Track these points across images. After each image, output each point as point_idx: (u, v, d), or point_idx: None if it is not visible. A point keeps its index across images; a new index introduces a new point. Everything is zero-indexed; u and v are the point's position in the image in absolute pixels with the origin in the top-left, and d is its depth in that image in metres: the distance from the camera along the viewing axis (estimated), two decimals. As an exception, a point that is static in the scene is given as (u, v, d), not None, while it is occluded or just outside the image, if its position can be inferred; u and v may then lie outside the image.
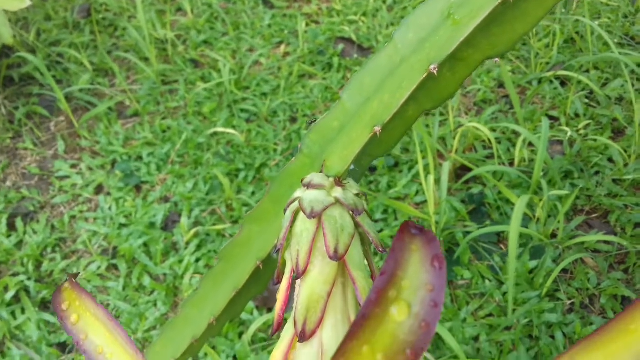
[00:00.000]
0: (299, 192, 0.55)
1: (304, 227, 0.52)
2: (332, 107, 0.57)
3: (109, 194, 2.08)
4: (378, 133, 0.52)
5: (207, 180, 2.05)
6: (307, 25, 2.78)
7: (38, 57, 2.36)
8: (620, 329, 0.28)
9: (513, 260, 1.43)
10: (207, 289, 0.77)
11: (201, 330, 0.77)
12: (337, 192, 0.54)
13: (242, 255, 0.72)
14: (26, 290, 1.80)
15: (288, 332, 0.47)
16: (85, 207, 2.05)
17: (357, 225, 0.53)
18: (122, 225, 1.95)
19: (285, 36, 2.72)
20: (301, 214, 0.53)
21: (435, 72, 0.48)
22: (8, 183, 2.18)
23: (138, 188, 2.10)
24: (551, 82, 2.31)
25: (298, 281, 0.50)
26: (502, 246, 1.77)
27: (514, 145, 2.06)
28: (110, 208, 2.02)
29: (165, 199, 2.04)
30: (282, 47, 2.68)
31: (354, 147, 0.55)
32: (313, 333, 0.46)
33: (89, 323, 0.38)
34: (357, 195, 0.55)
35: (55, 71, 2.56)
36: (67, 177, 2.17)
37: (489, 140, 2.07)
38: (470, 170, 1.92)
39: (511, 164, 1.98)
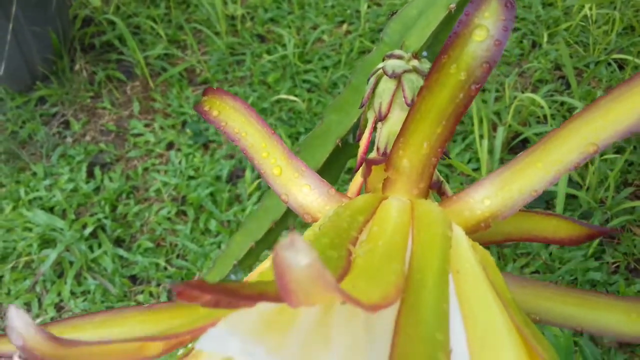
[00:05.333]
0: (381, 64, 0.65)
1: (386, 86, 0.62)
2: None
3: (179, 150, 2.23)
4: (452, 10, 0.62)
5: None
6: (368, 7, 2.89)
7: (120, 25, 2.54)
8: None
9: (562, 199, 1.50)
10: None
11: (280, 213, 0.89)
12: (415, 62, 0.64)
13: (320, 145, 0.83)
14: (102, 228, 1.96)
15: (372, 155, 0.58)
16: (157, 161, 2.21)
17: (429, 91, 0.64)
18: (190, 177, 2.10)
19: (347, 16, 2.84)
20: (383, 78, 0.63)
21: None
22: (87, 137, 2.37)
23: (206, 146, 2.24)
24: (609, 64, 2.35)
25: (379, 124, 0.61)
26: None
27: (568, 122, 2.11)
28: (180, 162, 2.17)
29: (231, 156, 2.18)
30: (344, 26, 2.80)
31: (430, 27, 0.65)
32: (393, 154, 0.56)
33: (227, 114, 0.50)
34: (430, 69, 0.65)
35: (132, 41, 2.74)
36: (141, 134, 2.34)
37: (543, 116, 2.13)
38: (523, 138, 1.99)
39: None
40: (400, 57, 0.65)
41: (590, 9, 2.60)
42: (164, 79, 2.52)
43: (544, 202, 1.85)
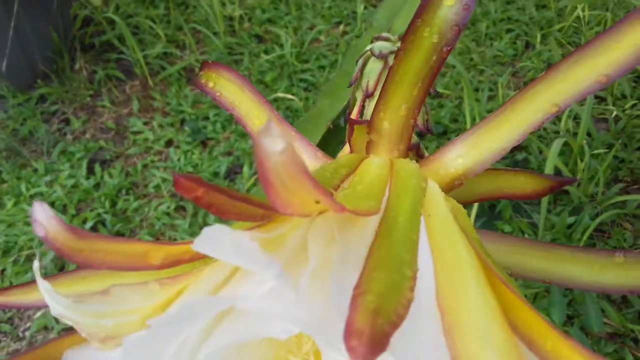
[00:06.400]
0: (369, 46, 0.69)
1: (373, 66, 0.66)
2: (398, -14, 0.71)
3: (178, 147, 2.27)
4: (435, -6, 0.66)
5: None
6: (365, 8, 2.93)
7: (121, 24, 2.59)
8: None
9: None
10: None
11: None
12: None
13: (312, 129, 0.87)
14: (103, 223, 2.00)
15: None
16: (156, 158, 2.25)
17: (414, 72, 0.67)
18: (189, 174, 2.14)
19: (344, 16, 2.88)
20: (371, 59, 0.67)
21: None
22: (87, 135, 2.40)
23: (204, 143, 2.28)
24: (600, 64, 2.39)
25: (367, 101, 0.65)
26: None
27: (560, 120, 2.16)
28: (179, 159, 2.21)
29: (229, 153, 2.21)
30: (341, 27, 2.84)
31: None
32: (379, 127, 0.60)
33: (222, 85, 0.54)
34: (415, 51, 0.69)
35: (132, 40, 2.78)
36: (140, 132, 2.38)
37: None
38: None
39: (556, 134, 2.08)
40: (387, 39, 0.69)
41: (583, 10, 2.64)
42: (163, 77, 2.56)
43: (535, 196, 1.88)
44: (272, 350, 0.33)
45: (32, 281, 0.45)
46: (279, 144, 0.19)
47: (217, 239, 0.23)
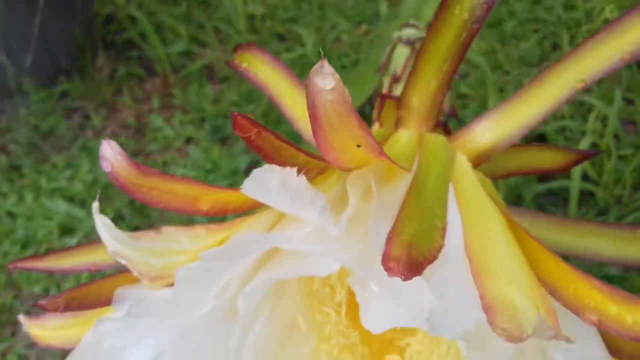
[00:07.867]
0: (397, 33, 0.71)
1: (400, 52, 0.68)
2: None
3: (197, 144, 2.30)
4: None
5: (288, 135, 2.23)
6: (388, 7, 2.94)
7: (143, 22, 2.63)
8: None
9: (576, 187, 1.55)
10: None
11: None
12: (427, 32, 0.69)
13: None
14: (121, 216, 2.03)
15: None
16: (176, 155, 2.28)
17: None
18: (209, 171, 2.17)
19: (366, 16, 2.89)
20: (399, 45, 0.69)
21: None
22: (108, 131, 2.44)
23: (224, 141, 2.31)
24: (629, 66, 2.38)
25: (394, 86, 0.66)
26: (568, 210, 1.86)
27: (587, 121, 2.14)
28: (198, 156, 2.24)
29: (248, 151, 2.24)
30: (363, 27, 2.85)
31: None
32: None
33: (256, 66, 0.56)
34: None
35: (153, 39, 2.82)
36: (161, 129, 2.41)
37: (561, 116, 2.16)
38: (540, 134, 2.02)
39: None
40: (414, 26, 0.70)
41: (612, 11, 2.63)
42: (184, 75, 2.60)
43: (562, 198, 1.88)
44: (305, 301, 0.35)
45: (64, 249, 0.47)
46: (330, 82, 0.21)
47: (266, 177, 0.25)
